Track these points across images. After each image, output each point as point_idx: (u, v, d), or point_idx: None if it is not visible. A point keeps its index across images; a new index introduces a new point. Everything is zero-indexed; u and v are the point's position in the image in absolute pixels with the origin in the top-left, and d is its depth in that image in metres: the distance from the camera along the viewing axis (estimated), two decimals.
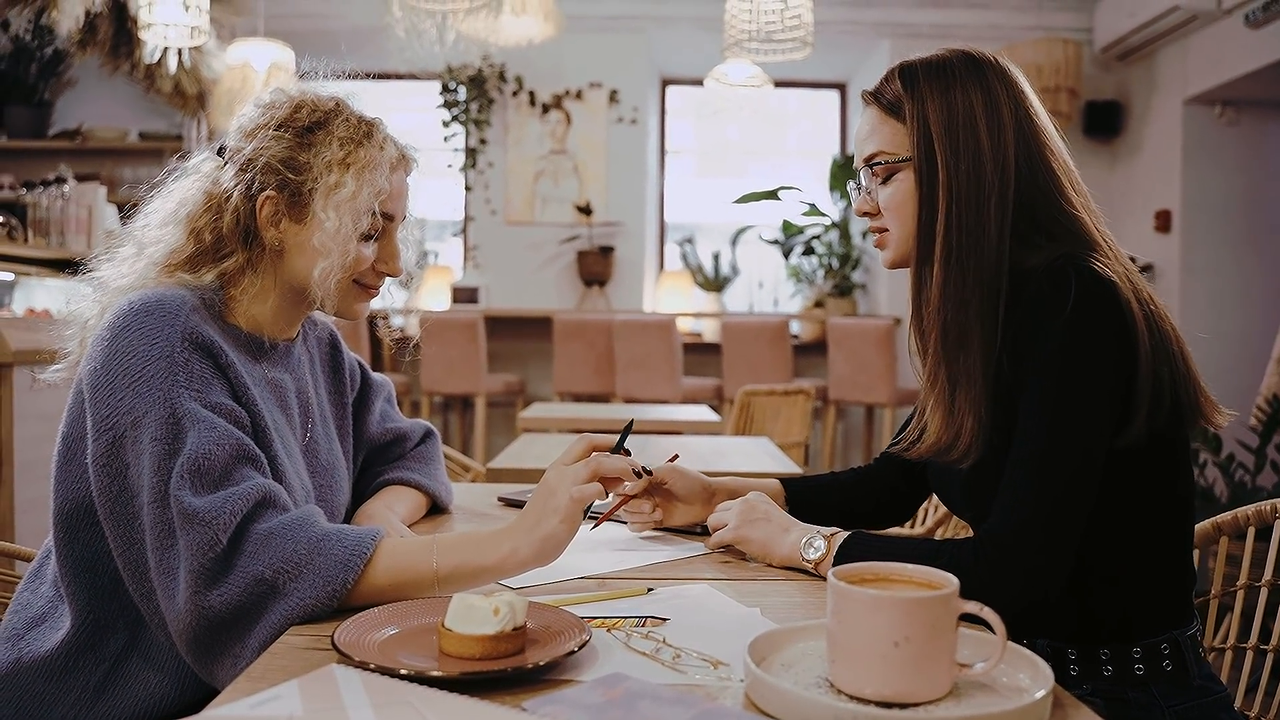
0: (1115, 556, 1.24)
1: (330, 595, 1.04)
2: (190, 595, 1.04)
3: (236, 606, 1.04)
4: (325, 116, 1.29)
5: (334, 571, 1.05)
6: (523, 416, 3.59)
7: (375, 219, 1.29)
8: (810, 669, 0.90)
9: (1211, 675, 1.26)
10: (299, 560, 1.05)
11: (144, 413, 1.10)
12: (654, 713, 0.77)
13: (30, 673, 1.18)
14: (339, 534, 1.09)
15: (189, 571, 1.04)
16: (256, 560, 1.04)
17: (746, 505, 1.35)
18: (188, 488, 1.06)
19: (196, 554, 1.04)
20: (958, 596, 0.84)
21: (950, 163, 1.22)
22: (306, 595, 1.04)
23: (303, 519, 1.09)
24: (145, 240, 1.30)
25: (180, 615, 1.05)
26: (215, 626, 1.05)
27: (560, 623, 0.99)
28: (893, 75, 1.29)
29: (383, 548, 1.09)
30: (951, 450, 1.23)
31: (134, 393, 1.11)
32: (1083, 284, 1.16)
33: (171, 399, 1.10)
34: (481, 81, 6.53)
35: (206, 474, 1.07)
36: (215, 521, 1.04)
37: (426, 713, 0.78)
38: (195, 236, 1.27)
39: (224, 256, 1.27)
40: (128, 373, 1.12)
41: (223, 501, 1.06)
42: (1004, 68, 1.27)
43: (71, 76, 6.44)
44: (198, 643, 1.06)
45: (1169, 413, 1.20)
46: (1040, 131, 1.26)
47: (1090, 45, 6.31)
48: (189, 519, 1.05)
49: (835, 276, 6.74)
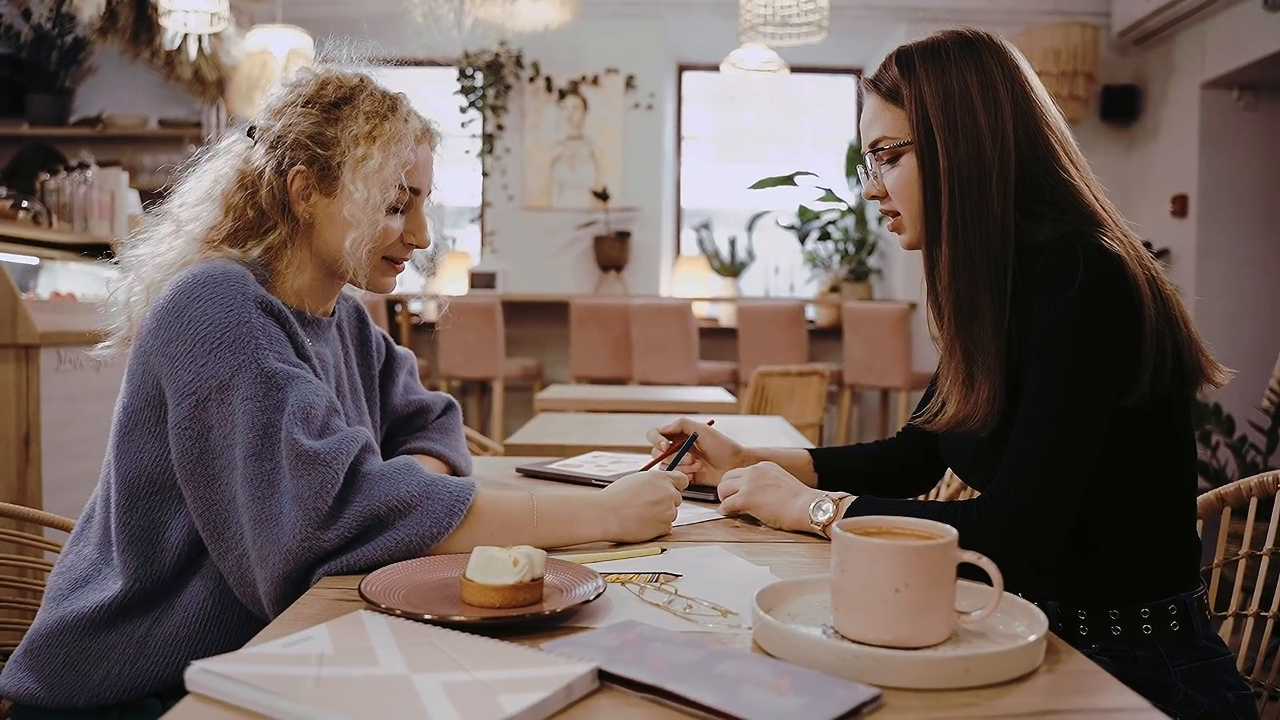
0: (1123, 518, 1.27)
1: (434, 535, 1.12)
2: (307, 533, 1.07)
3: (348, 541, 1.09)
4: (351, 92, 1.33)
5: (441, 514, 1.12)
6: (540, 397, 3.63)
7: (402, 192, 1.33)
8: (815, 618, 0.94)
9: (1216, 637, 1.30)
10: (411, 500, 1.12)
11: (230, 375, 1.14)
12: (665, 654, 0.81)
13: (75, 631, 1.23)
14: (445, 480, 1.16)
15: (305, 511, 1.08)
16: (371, 498, 1.10)
17: (757, 472, 1.39)
18: (301, 432, 1.11)
19: (316, 493, 1.08)
20: (956, 546, 0.87)
21: (949, 143, 1.26)
22: (413, 531, 1.11)
23: (409, 463, 1.17)
24: (183, 218, 1.34)
25: (288, 554, 1.08)
26: (319, 561, 1.09)
27: (576, 576, 1.03)
28: (890, 61, 1.33)
29: (484, 495, 1.17)
30: (970, 421, 1.27)
31: (216, 358, 1.15)
32: (1091, 259, 1.19)
33: (259, 360, 1.15)
34: (498, 67, 6.56)
35: (312, 421, 1.13)
36: (334, 461, 1.10)
37: (449, 650, 0.82)
38: (232, 213, 1.31)
39: (267, 231, 1.32)
40: (206, 340, 1.16)
41: (338, 443, 1.12)
42: (999, 45, 1.31)
43: (92, 64, 6.50)
44: (294, 581, 1.09)
45: (1172, 374, 1.24)
46: (1036, 106, 1.30)
47: (1108, 29, 6.29)
48: (308, 460, 1.09)
49: (851, 261, 6.75)
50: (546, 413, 3.32)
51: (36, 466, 2.90)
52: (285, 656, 0.80)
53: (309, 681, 0.76)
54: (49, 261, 4.50)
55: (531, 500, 1.21)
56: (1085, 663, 0.86)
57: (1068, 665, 0.85)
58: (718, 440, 1.56)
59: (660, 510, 1.27)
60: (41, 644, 1.24)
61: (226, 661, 0.79)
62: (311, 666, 0.78)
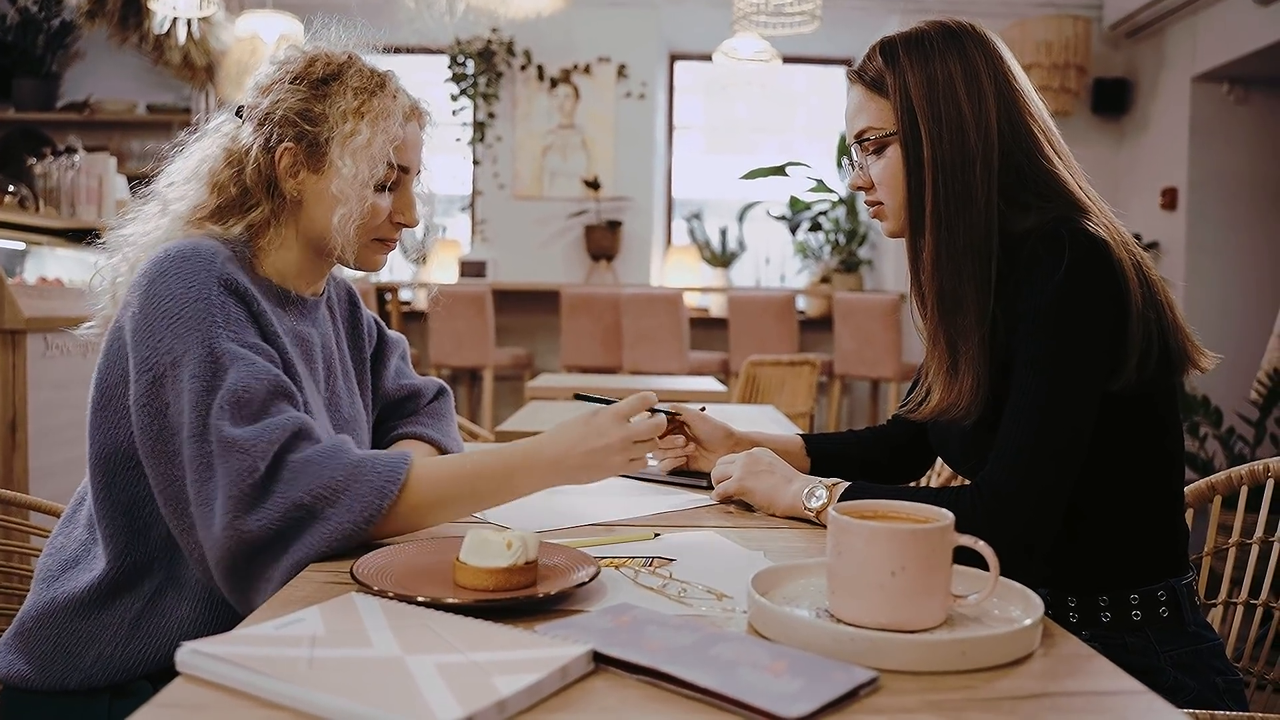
0: (1111, 504, 1.28)
1: (367, 519, 1.08)
2: (229, 521, 1.06)
3: (274, 532, 1.07)
4: (339, 69, 1.32)
5: (370, 497, 1.09)
6: (531, 385, 3.63)
7: (390, 169, 1.32)
8: (811, 602, 0.93)
9: (1205, 624, 1.31)
10: (336, 486, 1.09)
11: (183, 352, 1.13)
12: (660, 637, 0.81)
13: (66, 611, 1.22)
14: (373, 459, 1.13)
15: (227, 498, 1.07)
16: (294, 486, 1.08)
17: (751, 458, 1.39)
18: (227, 419, 1.09)
19: (235, 480, 1.07)
20: (953, 530, 0.87)
21: (934, 133, 1.26)
22: (344, 519, 1.08)
23: (337, 446, 1.13)
24: (170, 197, 1.33)
25: (218, 542, 1.08)
26: (251, 552, 1.08)
27: (571, 559, 1.03)
28: (874, 52, 1.33)
29: (416, 469, 1.14)
30: (954, 410, 1.27)
31: (173, 334, 1.14)
32: (1077, 245, 1.20)
33: (210, 339, 1.14)
34: (490, 55, 6.53)
35: (245, 406, 1.11)
36: (253, 449, 1.08)
37: (442, 633, 0.81)
38: (218, 190, 1.30)
39: (250, 208, 1.31)
40: (166, 315, 1.15)
41: (261, 431, 1.10)
42: (982, 35, 1.31)
43: (79, 49, 6.44)
44: (234, 569, 1.09)
45: (1159, 359, 1.24)
46: (1020, 95, 1.30)
47: (1099, 22, 6.30)
48: (228, 447, 1.08)
49: (842, 252, 6.75)
50: (537, 400, 3.32)
51: (23, 453, 2.88)
52: (277, 638, 0.80)
53: (301, 663, 0.75)
54: (35, 247, 4.47)
55: (465, 465, 1.18)
56: (1081, 646, 0.85)
57: (1064, 649, 0.85)
58: (711, 425, 1.56)
59: (604, 456, 1.19)
60: (32, 625, 1.23)
61: (217, 643, 0.78)
62: (304, 648, 0.78)
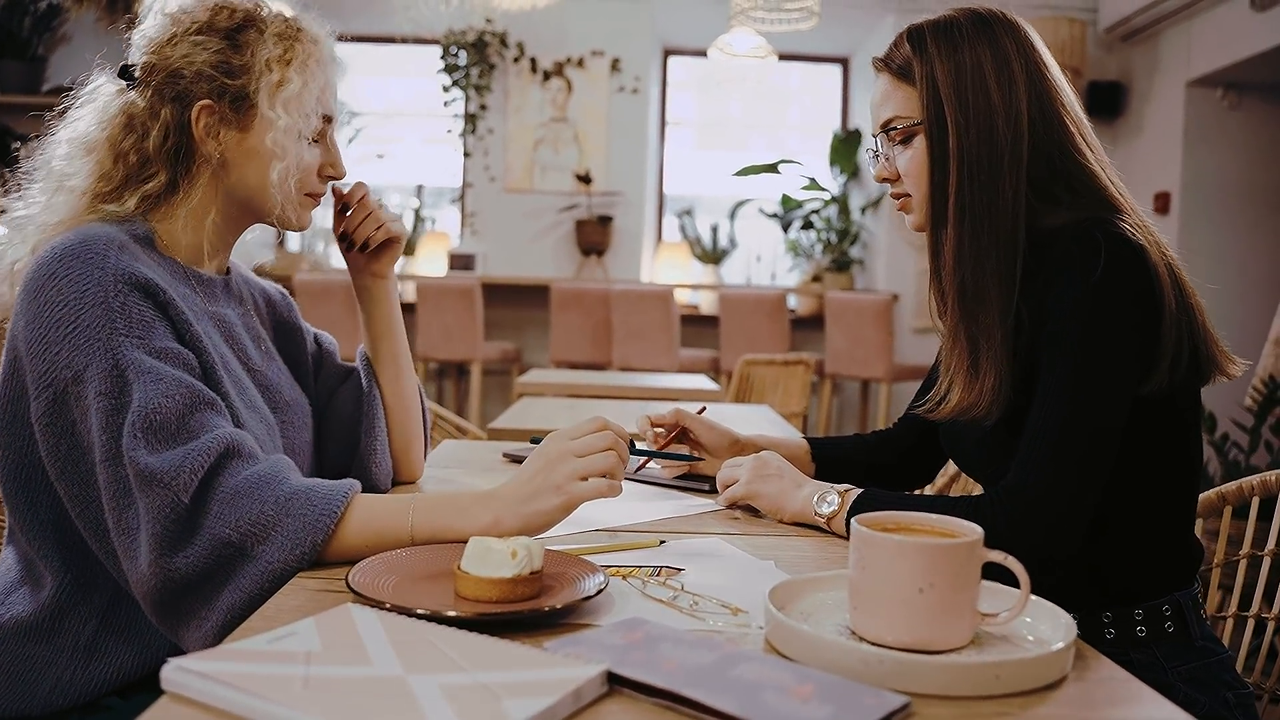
0: (1131, 513, 1.24)
1: (299, 558, 0.99)
2: (154, 559, 0.98)
3: (202, 571, 0.99)
4: (248, 16, 1.22)
5: (303, 534, 1.00)
6: (520, 381, 3.58)
7: (321, 120, 1.25)
8: (829, 618, 0.89)
9: (1213, 637, 1.27)
10: (266, 522, 0.99)
11: (84, 365, 1.04)
12: (677, 655, 0.76)
13: (16, 637, 1.13)
14: (308, 491, 1.03)
15: (151, 535, 0.98)
16: (222, 522, 0.99)
17: (759, 461, 1.34)
18: (142, 445, 1.00)
19: (158, 517, 0.98)
20: (982, 545, 0.83)
21: (961, 123, 1.22)
22: (275, 558, 0.99)
23: (270, 474, 1.03)
24: (64, 171, 1.21)
25: (144, 578, 1.00)
26: (181, 590, 1.00)
27: (577, 569, 0.98)
28: (901, 39, 1.29)
29: (355, 507, 1.04)
30: (975, 409, 1.23)
31: (70, 345, 1.04)
32: (1112, 248, 1.16)
33: (112, 348, 1.03)
34: (483, 47, 6.46)
35: (160, 429, 1.01)
36: (175, 482, 0.99)
37: (447, 650, 0.77)
38: (120, 160, 1.19)
39: (146, 179, 1.19)
40: (60, 324, 1.05)
41: (182, 459, 1.00)
42: (1014, 22, 1.26)
43: (66, 32, 6.36)
44: (163, 606, 1.01)
45: (1188, 366, 1.21)
46: (1052, 86, 1.26)
47: (1095, 25, 6.28)
48: (147, 480, 0.99)
49: (833, 251, 6.72)
50: (527, 397, 3.27)
51: None
52: (270, 654, 0.75)
53: (296, 682, 0.70)
54: None
55: (411, 501, 1.07)
56: (1116, 670, 0.82)
57: (1098, 672, 0.81)
58: (715, 430, 1.51)
59: (558, 479, 1.07)
60: None
61: (206, 659, 0.73)
62: (298, 665, 0.73)
